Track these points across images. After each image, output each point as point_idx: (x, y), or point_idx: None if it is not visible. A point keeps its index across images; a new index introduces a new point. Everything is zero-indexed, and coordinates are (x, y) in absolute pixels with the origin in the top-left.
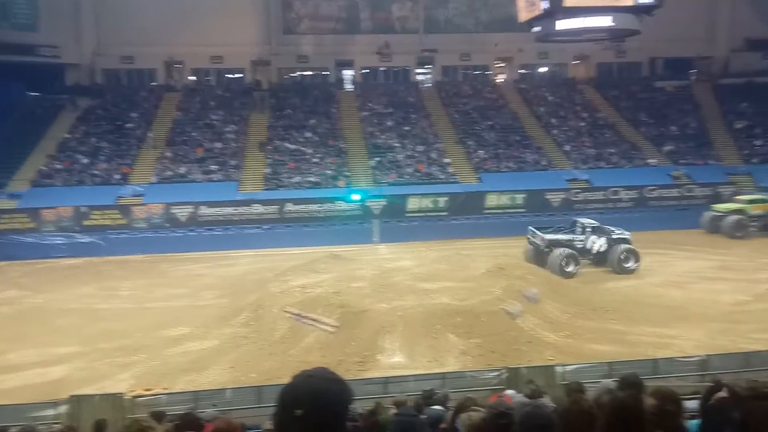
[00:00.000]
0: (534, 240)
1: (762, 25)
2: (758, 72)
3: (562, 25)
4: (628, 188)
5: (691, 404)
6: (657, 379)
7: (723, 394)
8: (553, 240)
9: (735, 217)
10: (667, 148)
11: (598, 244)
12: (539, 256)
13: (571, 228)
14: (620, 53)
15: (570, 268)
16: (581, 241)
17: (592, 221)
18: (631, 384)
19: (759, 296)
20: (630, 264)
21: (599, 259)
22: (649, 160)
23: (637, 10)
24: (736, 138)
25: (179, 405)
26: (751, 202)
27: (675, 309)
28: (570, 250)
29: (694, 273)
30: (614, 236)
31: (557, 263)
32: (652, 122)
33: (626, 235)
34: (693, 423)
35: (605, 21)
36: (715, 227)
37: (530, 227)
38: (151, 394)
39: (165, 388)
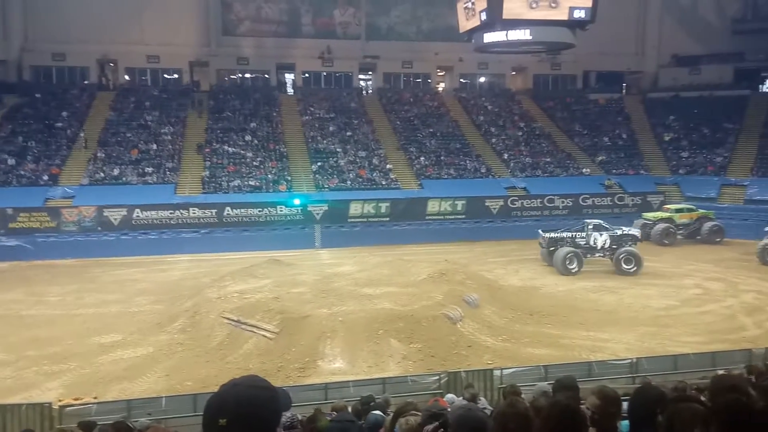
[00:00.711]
0: (540, 241)
1: (689, 42)
2: (685, 87)
3: (499, 36)
4: (564, 196)
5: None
6: (591, 381)
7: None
8: (554, 238)
9: (663, 225)
10: (600, 158)
11: (600, 240)
12: (551, 256)
13: (577, 228)
14: (556, 66)
15: (573, 266)
16: (583, 237)
17: (596, 220)
18: (565, 387)
19: (686, 301)
20: (630, 267)
21: (611, 255)
22: (583, 170)
23: (571, 24)
24: (665, 150)
25: (110, 414)
26: (678, 211)
27: (607, 313)
28: (573, 250)
29: (625, 278)
30: (618, 233)
31: (561, 261)
32: (586, 133)
33: (633, 231)
34: (624, 423)
35: (541, 34)
36: (644, 235)
37: (539, 230)
38: (81, 403)
39: (95, 398)
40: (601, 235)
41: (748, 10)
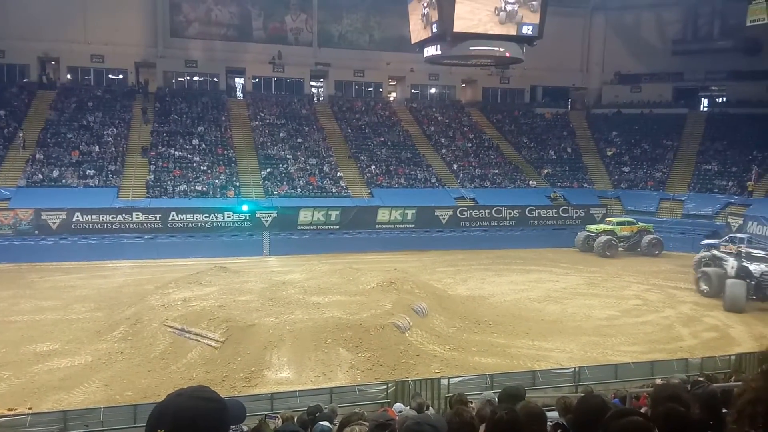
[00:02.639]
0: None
1: (631, 61)
2: (627, 104)
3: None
4: (511, 207)
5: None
6: (535, 390)
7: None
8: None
9: (605, 237)
10: (546, 170)
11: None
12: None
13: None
14: (504, 80)
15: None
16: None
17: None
18: (512, 396)
19: (626, 311)
20: None
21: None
22: (530, 182)
23: (520, 39)
24: (607, 164)
25: (46, 426)
26: (619, 224)
27: (552, 323)
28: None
29: (569, 289)
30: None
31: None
32: (533, 146)
33: None
34: None
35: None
36: (587, 246)
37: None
38: (15, 414)
39: (30, 408)
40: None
41: (687, 31)
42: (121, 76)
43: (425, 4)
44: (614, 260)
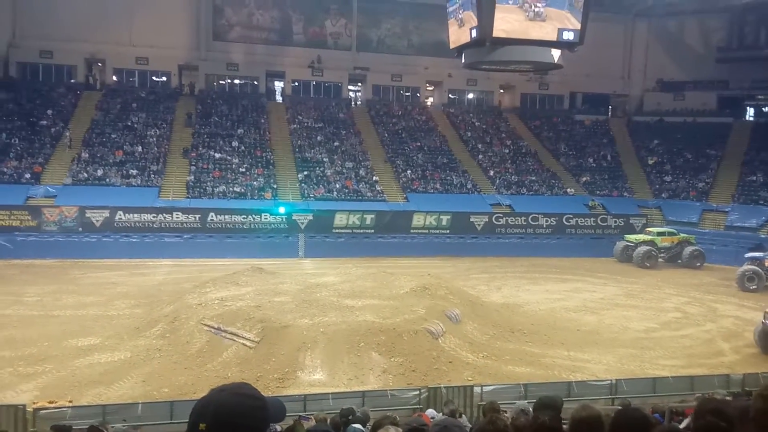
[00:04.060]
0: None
1: (674, 68)
2: (669, 112)
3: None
4: (548, 215)
5: None
6: (570, 401)
7: None
8: None
9: (645, 248)
10: (584, 178)
11: None
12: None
13: None
14: (543, 86)
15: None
16: None
17: None
18: (547, 405)
19: (665, 324)
20: None
21: None
22: (568, 189)
23: (559, 45)
24: (648, 173)
25: (85, 419)
26: (660, 234)
27: (588, 334)
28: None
29: (606, 299)
30: None
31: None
32: (571, 153)
33: None
34: None
35: (529, 54)
36: (626, 257)
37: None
38: (56, 406)
39: (70, 401)
40: None
41: (732, 38)
42: (164, 78)
43: (464, 10)
44: (654, 271)
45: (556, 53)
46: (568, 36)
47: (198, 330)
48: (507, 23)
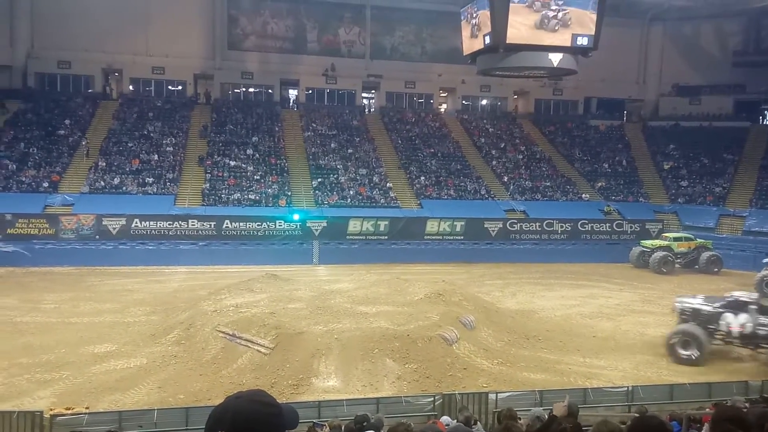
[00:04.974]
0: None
1: (690, 72)
2: (685, 116)
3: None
4: (563, 221)
5: None
6: (586, 408)
7: None
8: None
9: (661, 253)
10: (599, 184)
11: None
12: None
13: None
14: (557, 91)
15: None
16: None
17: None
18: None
19: None
20: None
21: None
22: (583, 195)
23: (574, 51)
24: (664, 178)
25: (102, 425)
26: (676, 239)
27: (604, 340)
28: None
29: (622, 305)
30: None
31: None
32: (586, 158)
33: None
34: None
35: (543, 60)
36: (642, 262)
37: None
38: (72, 413)
39: (87, 408)
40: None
41: (749, 42)
42: (180, 88)
43: (478, 16)
44: (670, 277)
45: (569, 59)
46: (583, 41)
47: (213, 337)
48: (519, 29)
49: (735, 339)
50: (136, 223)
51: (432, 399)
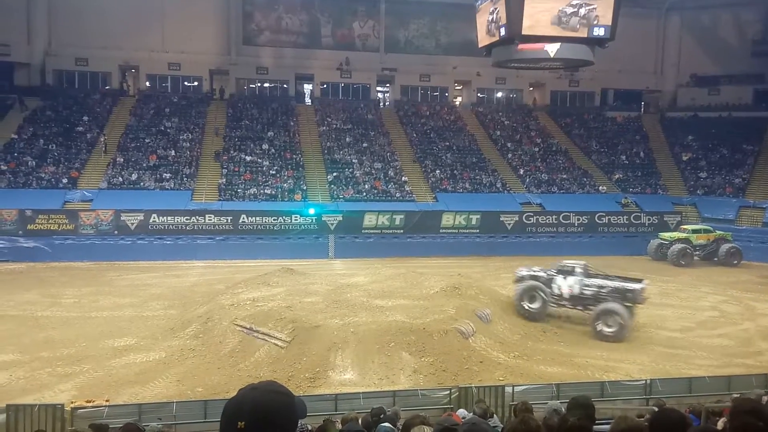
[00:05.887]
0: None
1: (708, 62)
2: (704, 107)
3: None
4: (579, 213)
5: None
6: (603, 401)
7: None
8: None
9: (680, 245)
10: (617, 176)
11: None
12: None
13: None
14: (574, 82)
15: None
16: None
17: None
18: (581, 405)
19: (701, 323)
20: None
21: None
22: (600, 187)
23: (590, 41)
24: (682, 169)
25: (122, 418)
26: (695, 232)
27: None
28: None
29: None
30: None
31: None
32: (603, 150)
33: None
34: None
35: (559, 51)
36: (661, 255)
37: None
38: (93, 405)
39: (107, 400)
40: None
41: None
42: (196, 83)
43: (493, 8)
44: (689, 269)
45: (586, 50)
46: (599, 32)
47: (231, 330)
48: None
49: (567, 301)
50: (154, 218)
51: (448, 392)
